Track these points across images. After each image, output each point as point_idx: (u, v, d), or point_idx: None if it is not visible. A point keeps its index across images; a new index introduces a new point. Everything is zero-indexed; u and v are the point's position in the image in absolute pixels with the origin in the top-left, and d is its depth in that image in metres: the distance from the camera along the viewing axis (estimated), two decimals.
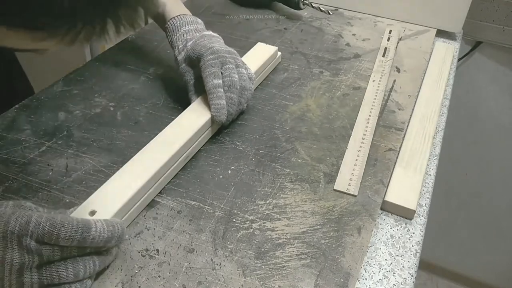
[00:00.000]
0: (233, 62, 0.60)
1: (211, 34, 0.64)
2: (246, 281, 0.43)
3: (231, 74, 0.59)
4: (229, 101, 0.58)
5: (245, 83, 0.60)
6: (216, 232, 0.47)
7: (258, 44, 0.75)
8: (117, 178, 0.48)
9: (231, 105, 0.58)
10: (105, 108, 0.65)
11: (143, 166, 0.50)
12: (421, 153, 0.60)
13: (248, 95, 0.61)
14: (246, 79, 0.61)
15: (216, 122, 0.57)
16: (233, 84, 0.58)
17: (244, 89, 0.60)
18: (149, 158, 0.51)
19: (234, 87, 0.58)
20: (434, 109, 0.69)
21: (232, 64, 0.60)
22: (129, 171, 0.49)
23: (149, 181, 0.48)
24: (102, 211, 0.44)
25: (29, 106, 0.64)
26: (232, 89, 0.58)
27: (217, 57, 0.59)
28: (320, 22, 0.92)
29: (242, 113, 0.64)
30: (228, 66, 0.59)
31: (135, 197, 0.47)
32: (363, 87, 0.71)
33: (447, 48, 0.86)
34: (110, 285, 0.42)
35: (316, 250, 0.46)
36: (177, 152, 0.53)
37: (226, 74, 0.59)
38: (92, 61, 0.76)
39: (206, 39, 0.61)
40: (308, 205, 0.51)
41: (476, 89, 1.23)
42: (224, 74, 0.59)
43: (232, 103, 0.58)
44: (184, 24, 0.64)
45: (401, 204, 0.52)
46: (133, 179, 0.48)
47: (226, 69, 0.59)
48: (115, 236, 0.40)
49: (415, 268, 0.47)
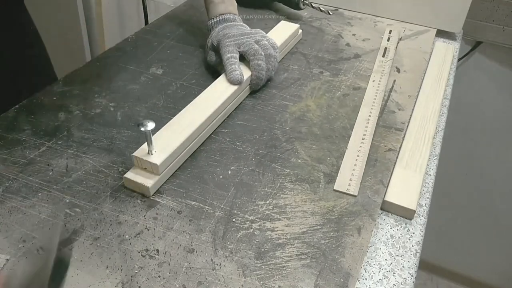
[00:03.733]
0: (250, 39, 0.67)
1: (232, 24, 0.71)
2: (246, 281, 0.43)
3: (251, 47, 0.66)
4: (257, 67, 0.65)
5: (269, 51, 0.67)
6: (216, 232, 0.47)
7: (282, 22, 0.83)
8: (168, 128, 0.56)
9: (260, 71, 0.65)
10: (105, 108, 0.65)
11: (190, 118, 0.58)
12: (421, 153, 0.60)
13: (274, 62, 0.68)
14: (270, 47, 0.67)
15: (232, 83, 0.63)
16: (257, 52, 0.65)
17: (269, 56, 0.67)
18: (194, 113, 0.59)
19: (259, 54, 0.65)
20: (434, 109, 0.69)
21: (251, 40, 0.67)
22: (177, 123, 0.57)
23: (194, 132, 0.56)
24: (159, 151, 0.52)
25: (29, 106, 0.64)
26: (258, 56, 0.65)
27: (233, 41, 0.67)
28: (320, 22, 0.92)
29: (242, 112, 0.64)
30: (245, 44, 0.66)
31: (184, 144, 0.55)
32: (363, 87, 0.71)
33: (447, 48, 0.86)
34: (110, 285, 0.42)
35: (316, 250, 0.46)
36: (216, 110, 0.60)
37: (247, 49, 0.66)
38: (92, 61, 0.76)
39: (227, 28, 0.69)
40: (308, 205, 0.51)
41: (476, 89, 1.23)
42: (243, 49, 0.66)
43: (260, 69, 0.65)
44: (218, 25, 0.72)
45: (401, 204, 0.52)
46: (182, 129, 0.56)
47: (244, 46, 0.66)
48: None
49: (415, 268, 0.47)
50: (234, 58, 0.65)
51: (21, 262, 0.42)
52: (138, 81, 0.71)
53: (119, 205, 0.50)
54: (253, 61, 0.65)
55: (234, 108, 0.65)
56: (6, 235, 0.46)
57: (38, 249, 0.45)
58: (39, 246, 0.42)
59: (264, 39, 0.68)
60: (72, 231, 0.47)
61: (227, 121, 0.63)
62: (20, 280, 0.40)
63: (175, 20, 0.90)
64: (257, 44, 0.67)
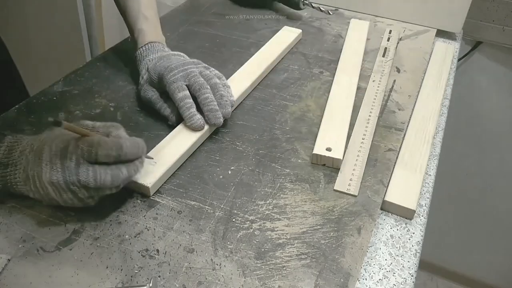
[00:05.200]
0: (195, 70, 0.60)
1: (169, 54, 0.64)
2: (246, 281, 0.43)
3: (196, 80, 0.59)
4: (205, 101, 0.58)
5: (213, 80, 0.60)
6: (216, 232, 0.47)
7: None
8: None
9: (210, 102, 0.58)
10: (105, 108, 0.65)
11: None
12: (421, 153, 0.60)
13: (223, 91, 0.60)
14: (213, 77, 0.61)
15: (195, 129, 0.58)
16: (202, 86, 0.59)
17: (214, 85, 0.60)
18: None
19: (204, 88, 0.59)
20: (434, 109, 0.69)
21: (195, 72, 0.60)
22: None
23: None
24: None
25: (29, 106, 0.64)
26: (203, 90, 0.58)
27: (177, 73, 0.59)
28: (320, 22, 0.92)
29: (242, 112, 0.64)
30: (191, 76, 0.59)
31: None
32: (363, 87, 0.71)
33: (447, 48, 0.86)
34: (110, 285, 0.42)
35: (316, 250, 0.46)
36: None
37: (192, 82, 0.59)
38: (92, 61, 0.76)
39: (165, 59, 0.62)
40: (308, 205, 0.51)
41: (476, 89, 1.23)
42: (189, 84, 0.59)
43: (210, 101, 0.58)
44: (150, 53, 0.65)
45: (401, 204, 0.52)
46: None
47: (190, 78, 0.59)
48: (140, 151, 0.47)
49: (415, 268, 0.47)
50: (188, 98, 0.58)
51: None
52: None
53: (119, 205, 0.50)
54: (200, 96, 0.58)
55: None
56: (6, 235, 0.46)
57: (38, 249, 0.45)
58: None
59: (207, 70, 0.62)
60: (72, 231, 0.47)
61: (227, 121, 0.63)
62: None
63: (175, 20, 0.90)
64: (201, 75, 0.60)
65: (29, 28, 1.50)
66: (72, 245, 0.45)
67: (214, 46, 0.82)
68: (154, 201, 0.51)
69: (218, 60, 0.77)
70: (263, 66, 0.73)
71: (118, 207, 0.50)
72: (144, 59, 0.65)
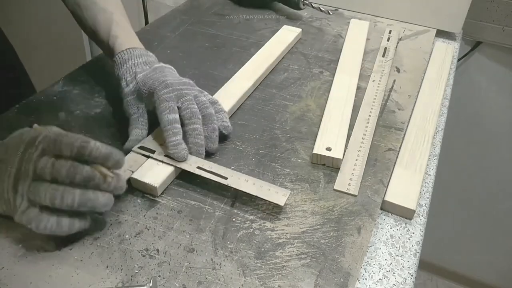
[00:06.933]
0: (190, 93, 0.56)
1: (163, 66, 0.60)
2: (246, 281, 0.43)
3: (189, 106, 0.54)
4: (193, 132, 0.54)
5: (208, 110, 0.56)
6: (216, 232, 0.47)
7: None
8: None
9: (198, 136, 0.54)
10: (105, 108, 0.65)
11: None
12: (421, 153, 0.60)
13: (218, 118, 0.57)
14: (209, 106, 0.57)
15: (176, 159, 0.53)
16: (194, 115, 0.54)
17: (209, 115, 0.56)
18: None
19: (196, 118, 0.54)
20: (434, 109, 0.69)
21: (190, 96, 0.55)
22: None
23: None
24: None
25: (29, 106, 0.64)
26: (194, 120, 0.54)
27: (172, 91, 0.54)
28: (320, 22, 0.93)
29: (242, 112, 0.64)
30: (185, 99, 0.55)
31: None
32: (363, 87, 0.71)
33: (447, 48, 0.86)
34: (110, 284, 0.42)
35: (316, 250, 0.46)
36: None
37: (185, 107, 0.54)
38: (93, 61, 0.76)
39: (158, 72, 0.57)
40: (308, 205, 0.51)
41: (476, 89, 1.23)
42: (182, 107, 0.54)
43: (198, 133, 0.54)
44: (133, 57, 0.60)
45: (401, 204, 0.52)
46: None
47: (183, 101, 0.55)
48: (113, 157, 0.43)
49: (415, 268, 0.47)
50: (177, 123, 0.53)
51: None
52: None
53: (119, 205, 0.50)
54: (189, 125, 0.54)
55: None
56: (6, 235, 0.46)
57: (38, 249, 0.45)
58: None
59: (201, 95, 0.57)
60: None
61: None
62: None
63: (175, 20, 0.90)
64: (195, 100, 0.56)
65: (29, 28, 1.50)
66: (72, 245, 0.45)
67: (214, 46, 0.82)
68: (154, 200, 0.51)
69: (218, 60, 0.77)
70: (263, 66, 0.73)
71: (118, 207, 0.50)
72: (127, 63, 0.59)
